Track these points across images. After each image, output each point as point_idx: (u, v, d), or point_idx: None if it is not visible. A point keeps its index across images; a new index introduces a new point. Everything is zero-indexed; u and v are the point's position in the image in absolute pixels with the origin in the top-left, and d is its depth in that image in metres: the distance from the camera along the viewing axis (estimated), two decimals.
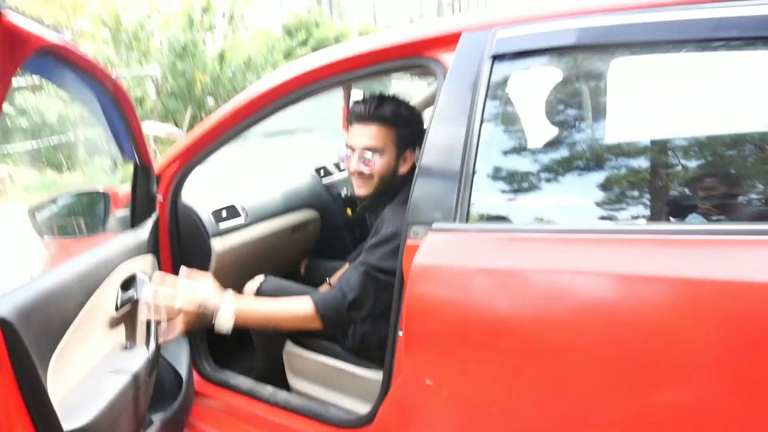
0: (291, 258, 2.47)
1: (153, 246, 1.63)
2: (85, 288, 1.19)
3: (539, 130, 1.32)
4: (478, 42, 1.27)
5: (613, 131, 1.22)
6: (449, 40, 1.32)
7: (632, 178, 1.17)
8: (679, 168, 1.16)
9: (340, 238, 2.62)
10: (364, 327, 1.67)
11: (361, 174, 1.64)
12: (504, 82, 1.27)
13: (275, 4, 20.59)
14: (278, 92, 1.62)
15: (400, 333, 1.23)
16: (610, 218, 1.16)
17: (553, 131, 1.32)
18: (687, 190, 1.16)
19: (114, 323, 1.31)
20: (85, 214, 1.68)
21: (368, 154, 1.61)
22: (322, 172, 2.70)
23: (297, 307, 1.49)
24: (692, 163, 1.17)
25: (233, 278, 1.89)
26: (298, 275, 2.41)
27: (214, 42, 12.25)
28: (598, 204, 1.18)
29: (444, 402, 1.16)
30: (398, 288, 1.30)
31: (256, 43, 13.14)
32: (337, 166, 2.80)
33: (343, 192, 2.69)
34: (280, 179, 2.53)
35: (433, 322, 1.17)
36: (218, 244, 2.00)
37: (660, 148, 1.20)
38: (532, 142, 1.34)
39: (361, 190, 1.67)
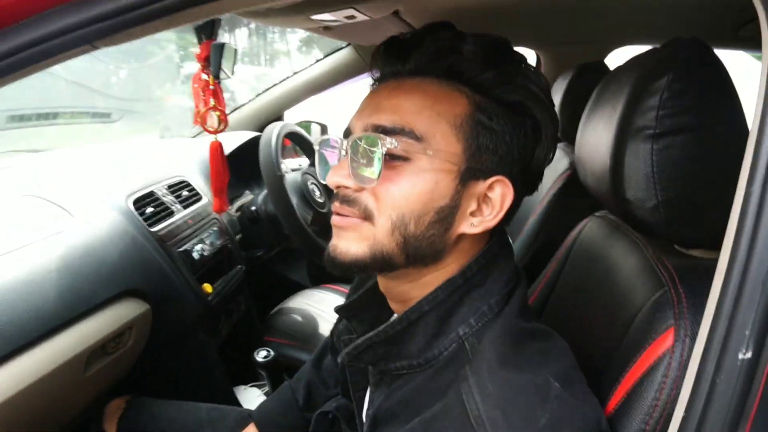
0: (66, 420, 1.10)
1: None
2: None
3: None
4: None
5: None
6: None
7: None
8: None
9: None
10: None
11: (350, 203, 0.60)
12: None
13: None
14: None
15: None
16: None
17: None
18: None
19: None
20: None
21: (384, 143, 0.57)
22: (148, 208, 1.30)
23: None
24: None
25: None
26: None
27: None
28: None
29: None
30: None
31: None
32: (178, 189, 1.43)
33: (198, 248, 1.36)
34: (36, 235, 1.05)
35: None
36: None
37: None
38: None
39: (340, 242, 0.62)
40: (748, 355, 0.34)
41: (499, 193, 0.59)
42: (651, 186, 0.58)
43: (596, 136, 0.67)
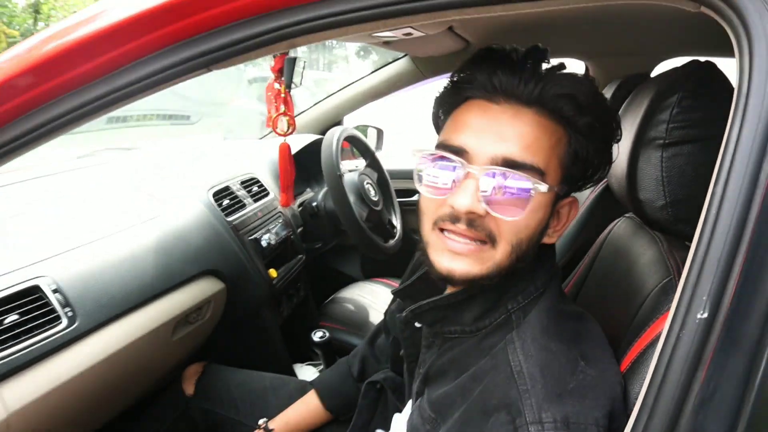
0: (157, 379, 1.28)
1: None
2: None
3: None
4: None
5: None
6: None
7: None
8: None
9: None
10: None
11: (475, 227, 0.64)
12: None
13: None
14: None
15: None
16: None
17: None
18: None
19: None
20: None
21: (514, 175, 0.62)
22: (225, 200, 1.50)
23: None
24: None
25: None
26: None
27: None
28: None
29: None
30: None
31: None
32: (249, 185, 1.62)
33: (266, 238, 1.53)
34: (136, 219, 1.25)
35: None
36: None
37: None
38: None
39: (458, 264, 0.65)
40: (705, 315, 0.44)
41: (568, 209, 0.70)
42: (660, 188, 0.68)
43: (619, 145, 0.77)
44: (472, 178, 0.62)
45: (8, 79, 0.69)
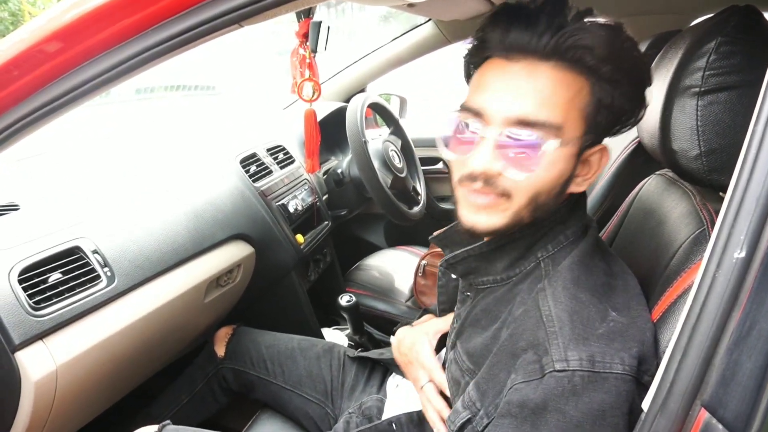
0: (190, 340, 1.33)
1: None
2: None
3: None
4: None
5: None
6: None
7: None
8: None
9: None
10: None
11: (492, 185, 0.66)
12: None
13: None
14: None
15: None
16: None
17: None
18: None
19: None
20: None
21: (525, 135, 0.63)
22: (252, 167, 1.52)
23: None
24: None
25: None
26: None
27: None
28: None
29: None
30: None
31: None
32: (275, 152, 1.63)
33: (293, 204, 1.55)
34: (168, 186, 1.28)
35: None
36: (39, 362, 0.83)
37: None
38: None
39: (480, 218, 0.68)
40: (742, 254, 0.44)
41: (598, 156, 0.68)
42: (695, 137, 0.66)
43: (651, 97, 0.76)
44: (487, 139, 0.64)
45: (37, 45, 0.71)
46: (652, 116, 0.74)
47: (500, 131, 0.63)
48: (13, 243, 0.92)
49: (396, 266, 1.90)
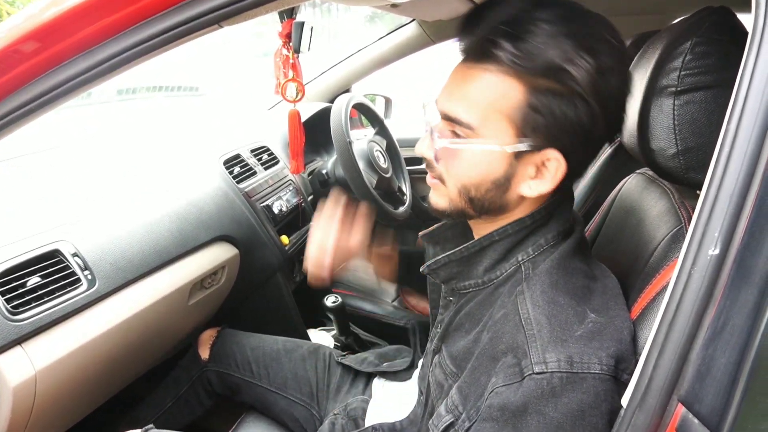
0: (174, 343, 1.32)
1: None
2: None
3: None
4: None
5: None
6: None
7: None
8: None
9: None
10: None
11: (431, 169, 0.75)
12: None
13: None
14: None
15: None
16: None
17: None
18: None
19: None
20: None
21: (447, 130, 0.69)
22: (236, 168, 1.51)
23: None
24: None
25: None
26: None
27: None
28: None
29: None
30: None
31: None
32: (259, 153, 1.63)
33: (278, 205, 1.55)
34: (151, 188, 1.27)
35: None
36: (17, 367, 0.82)
37: None
38: None
39: (432, 195, 0.77)
40: (716, 251, 0.45)
41: (554, 165, 0.66)
42: (672, 136, 0.67)
43: (631, 97, 0.77)
44: (427, 129, 0.72)
45: (13, 45, 0.70)
46: (631, 116, 0.75)
47: (435, 124, 0.69)
48: None
49: None
